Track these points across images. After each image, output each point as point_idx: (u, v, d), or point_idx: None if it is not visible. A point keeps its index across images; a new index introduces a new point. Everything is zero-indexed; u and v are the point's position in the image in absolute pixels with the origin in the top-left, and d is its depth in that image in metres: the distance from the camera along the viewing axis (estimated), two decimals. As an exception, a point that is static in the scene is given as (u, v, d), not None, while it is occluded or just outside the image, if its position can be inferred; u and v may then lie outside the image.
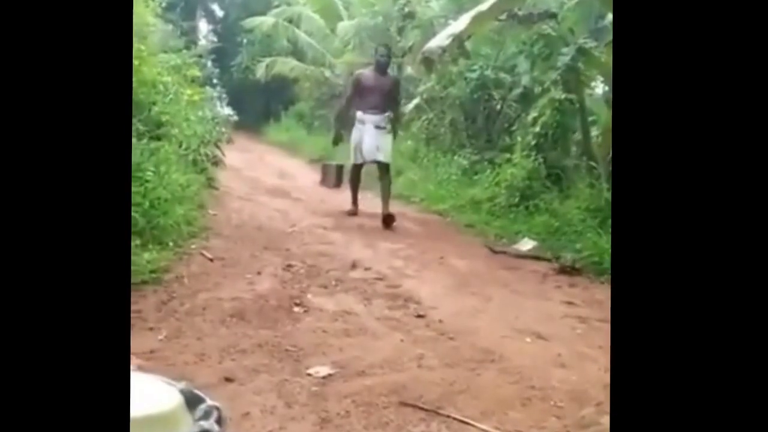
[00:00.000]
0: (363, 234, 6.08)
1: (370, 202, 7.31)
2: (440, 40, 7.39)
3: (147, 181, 4.56)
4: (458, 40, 7.69)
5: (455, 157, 8.70)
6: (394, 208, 7.90)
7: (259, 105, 17.81)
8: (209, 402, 1.00)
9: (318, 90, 14.38)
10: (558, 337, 3.58)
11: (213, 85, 19.13)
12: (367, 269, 4.66)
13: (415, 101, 10.56)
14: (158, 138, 6.67)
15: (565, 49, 7.57)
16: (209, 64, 18.74)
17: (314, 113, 14.68)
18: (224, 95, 19.95)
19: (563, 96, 7.21)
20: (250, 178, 9.45)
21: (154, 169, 4.85)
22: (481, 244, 6.08)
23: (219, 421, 0.99)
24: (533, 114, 7.45)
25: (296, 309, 3.69)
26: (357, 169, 7.07)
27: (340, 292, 4.11)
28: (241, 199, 7.45)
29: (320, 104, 14.37)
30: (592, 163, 6.67)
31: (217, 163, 7.73)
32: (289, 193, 8.30)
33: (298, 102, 16.09)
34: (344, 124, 7.44)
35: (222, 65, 18.68)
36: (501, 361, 3.17)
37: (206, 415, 1.02)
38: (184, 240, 4.71)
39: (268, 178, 9.64)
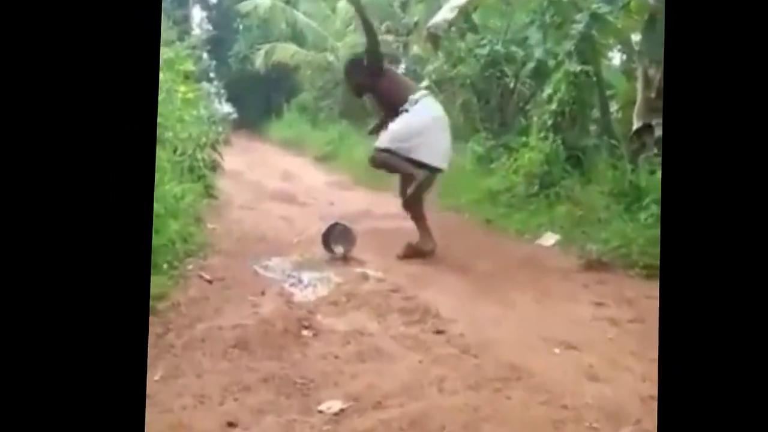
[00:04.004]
0: (376, 239, 5.99)
1: (387, 201, 7.17)
2: (445, 13, 7.29)
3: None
4: (464, 12, 7.58)
5: (469, 144, 8.57)
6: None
7: (260, 99, 17.59)
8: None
9: (321, 78, 14.17)
10: (588, 345, 3.49)
11: (210, 80, 19.02)
12: (380, 281, 4.58)
13: (424, 83, 10.41)
14: (150, 145, 6.61)
15: (578, 16, 7.43)
16: (205, 55, 18.62)
17: (318, 104, 14.49)
18: (222, 90, 19.83)
19: (579, 68, 7.05)
20: (252, 182, 9.37)
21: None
22: (502, 241, 6.02)
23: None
24: (548, 90, 7.31)
25: (305, 332, 3.62)
26: None
27: (351, 309, 4.02)
28: (242, 208, 7.38)
29: (324, 94, 14.16)
30: (613, 142, 6.51)
31: (215, 168, 7.63)
32: (294, 197, 8.22)
33: (300, 92, 15.90)
34: None
35: (218, 56, 18.52)
36: (528, 378, 3.07)
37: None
38: (180, 260, 4.64)
39: (271, 182, 9.54)
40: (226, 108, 20.46)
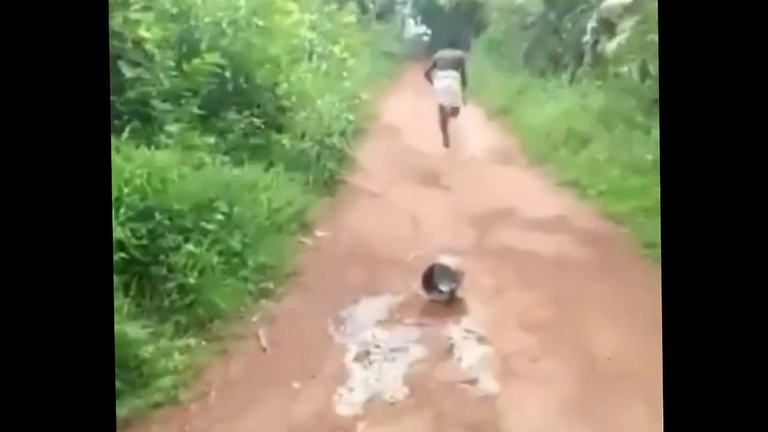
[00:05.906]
0: (499, 268, 5.28)
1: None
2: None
3: (206, 233, 4.16)
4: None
5: (653, 132, 7.40)
6: (564, 199, 7.04)
7: (448, 28, 16.86)
8: None
9: (506, 20, 13.01)
10: None
11: (403, 3, 18.68)
12: (463, 363, 3.95)
13: (617, 40, 9.14)
14: (278, 129, 6.35)
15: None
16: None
17: (501, 49, 13.41)
18: (417, 13, 19.39)
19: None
20: (403, 150, 8.86)
21: (227, 210, 4.46)
22: (656, 286, 5.05)
23: None
24: None
25: (334, 456, 3.16)
26: None
27: (410, 412, 3.46)
28: (371, 196, 6.91)
29: (509, 37, 13.00)
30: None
31: (342, 159, 7.18)
32: (438, 178, 7.62)
33: (488, 27, 14.88)
34: None
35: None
36: None
37: None
38: (247, 307, 4.29)
39: (426, 148, 8.94)
40: (421, 29, 19.97)
